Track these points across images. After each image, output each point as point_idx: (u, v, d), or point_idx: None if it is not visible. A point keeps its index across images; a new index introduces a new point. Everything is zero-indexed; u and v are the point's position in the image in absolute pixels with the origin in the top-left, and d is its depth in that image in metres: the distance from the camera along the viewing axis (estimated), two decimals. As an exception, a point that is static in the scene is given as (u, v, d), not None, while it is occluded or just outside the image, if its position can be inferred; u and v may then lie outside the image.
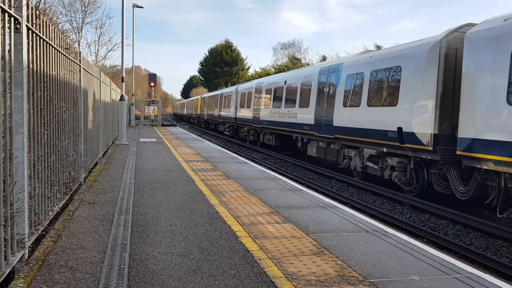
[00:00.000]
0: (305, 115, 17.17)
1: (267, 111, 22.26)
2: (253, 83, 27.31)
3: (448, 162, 9.76)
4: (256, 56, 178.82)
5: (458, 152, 9.26)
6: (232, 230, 5.66)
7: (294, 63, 57.20)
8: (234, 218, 6.27)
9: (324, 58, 48.74)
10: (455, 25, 10.53)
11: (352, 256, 4.78)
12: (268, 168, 15.60)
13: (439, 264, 4.64)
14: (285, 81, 20.27)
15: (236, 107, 29.98)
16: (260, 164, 16.13)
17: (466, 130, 9.06)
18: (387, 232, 5.85)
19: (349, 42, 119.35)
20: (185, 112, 72.82)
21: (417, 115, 10.62)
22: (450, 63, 10.08)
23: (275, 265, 4.45)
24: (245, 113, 27.22)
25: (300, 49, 67.72)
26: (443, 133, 9.99)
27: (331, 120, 14.75)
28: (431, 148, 10.06)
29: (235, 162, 13.06)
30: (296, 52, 67.21)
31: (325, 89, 15.73)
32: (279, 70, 51.21)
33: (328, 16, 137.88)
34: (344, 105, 14.06)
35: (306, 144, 17.80)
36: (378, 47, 32.76)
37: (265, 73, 58.69)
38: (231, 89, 34.62)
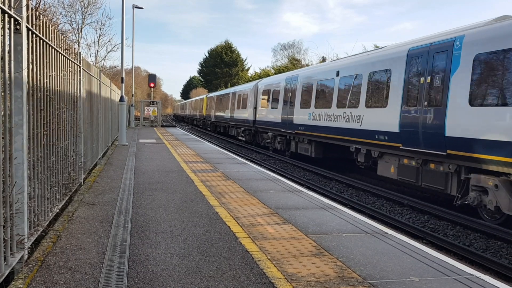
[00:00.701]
0: (379, 119, 12.00)
1: (306, 113, 17.19)
2: (281, 77, 21.66)
3: None
4: (256, 57, 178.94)
5: None
6: (232, 231, 5.66)
7: (294, 64, 57.24)
8: (234, 219, 6.27)
9: (323, 59, 48.75)
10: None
11: (351, 257, 4.78)
12: (268, 169, 15.60)
13: (438, 265, 4.64)
14: (338, 72, 14.89)
15: (255, 108, 24.80)
16: (260, 165, 16.14)
17: None
18: (387, 233, 5.85)
19: (349, 43, 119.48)
20: (187, 113, 66.95)
21: None
22: None
23: (275, 266, 4.45)
24: (270, 115, 21.89)
25: (300, 50, 67.90)
26: None
27: (441, 126, 9.68)
28: None
29: (234, 163, 13.07)
30: (296, 53, 67.35)
31: (422, 79, 10.60)
32: (279, 71, 51.20)
33: (328, 17, 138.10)
34: (473, 102, 8.96)
35: (374, 160, 12.79)
36: (377, 48, 32.62)
37: (264, 74, 58.69)
38: (247, 86, 28.82)
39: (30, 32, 4.48)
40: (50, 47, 5.45)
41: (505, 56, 8.42)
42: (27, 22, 4.33)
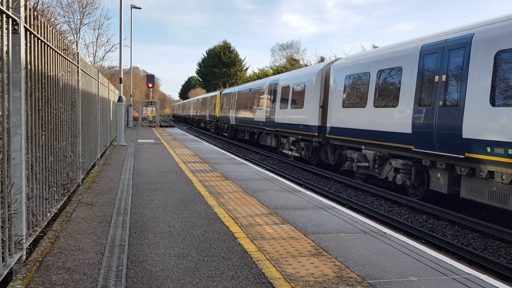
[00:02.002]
0: None
1: None
2: (407, 49, 11.28)
3: None
4: (255, 58, 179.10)
5: None
6: (230, 231, 5.66)
7: (292, 64, 57.27)
8: (232, 219, 6.27)
9: (322, 59, 48.80)
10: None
11: (350, 257, 4.78)
12: (266, 169, 15.59)
13: (437, 265, 4.64)
14: None
15: (321, 107, 15.78)
16: (259, 165, 16.12)
17: None
18: (385, 233, 5.85)
19: (347, 44, 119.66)
20: (191, 114, 57.63)
21: None
22: None
23: (274, 266, 4.45)
24: (373, 118, 12.25)
25: (298, 50, 67.85)
26: None
27: None
28: None
29: (233, 163, 13.06)
30: (294, 53, 67.32)
31: None
32: (277, 71, 51.18)
33: (327, 17, 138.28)
34: None
35: None
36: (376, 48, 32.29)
37: (263, 74, 58.69)
38: (303, 73, 18.46)
39: (28, 32, 4.47)
40: (48, 47, 5.44)
41: None
42: (25, 23, 4.32)
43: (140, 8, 35.16)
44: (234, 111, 29.75)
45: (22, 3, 4.13)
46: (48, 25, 5.41)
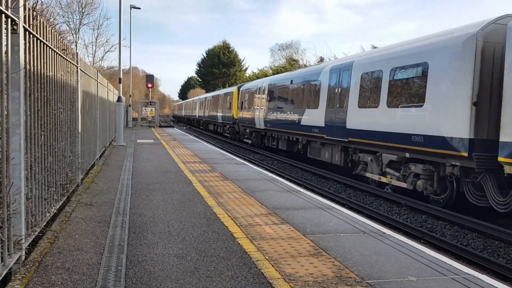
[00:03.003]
0: None
1: None
2: None
3: None
4: (254, 57, 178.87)
5: None
6: (230, 231, 5.66)
7: (292, 64, 57.29)
8: (232, 219, 6.27)
9: (321, 59, 48.81)
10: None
11: (349, 257, 4.78)
12: (266, 169, 15.59)
13: (436, 265, 4.65)
14: None
15: (477, 104, 8.74)
16: (258, 165, 16.12)
17: None
18: (385, 233, 5.85)
19: (347, 44, 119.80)
20: (197, 114, 50.98)
21: None
22: None
23: (273, 266, 4.45)
24: None
25: (298, 50, 67.91)
26: None
27: None
28: None
29: (232, 163, 13.06)
30: (293, 53, 67.37)
31: None
32: (277, 71, 51.16)
33: (326, 17, 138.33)
34: None
35: None
36: (375, 48, 32.09)
37: (262, 74, 58.70)
38: (423, 45, 10.47)
39: (27, 32, 4.47)
40: (47, 48, 5.44)
41: None
42: (24, 23, 4.32)
43: (139, 8, 35.19)
44: (264, 111, 22.54)
45: (21, 3, 4.13)
46: (47, 25, 5.40)
